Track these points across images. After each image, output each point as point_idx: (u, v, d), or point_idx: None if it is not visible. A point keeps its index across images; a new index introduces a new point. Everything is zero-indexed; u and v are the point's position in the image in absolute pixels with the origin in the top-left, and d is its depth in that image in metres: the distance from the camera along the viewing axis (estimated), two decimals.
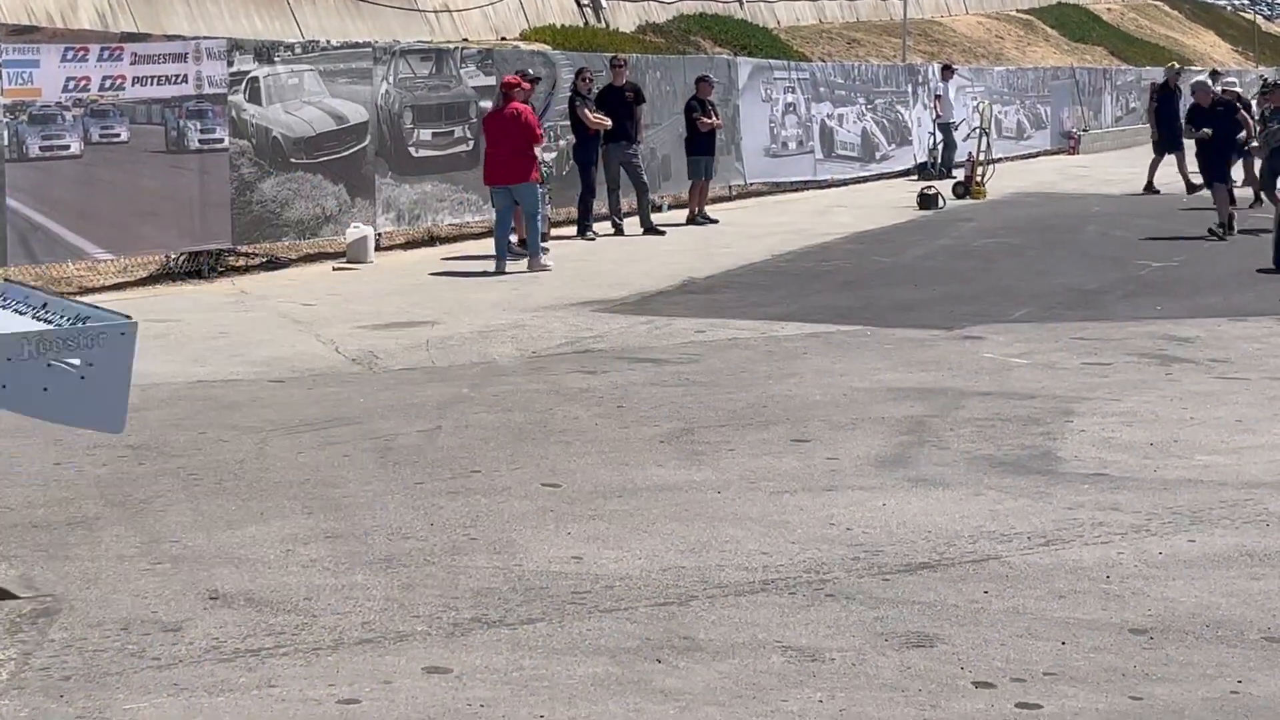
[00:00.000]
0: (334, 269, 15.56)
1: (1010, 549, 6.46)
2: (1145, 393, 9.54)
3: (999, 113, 31.12)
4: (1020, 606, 5.76)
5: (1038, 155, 33.00)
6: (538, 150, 15.47)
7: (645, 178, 18.82)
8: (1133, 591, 5.94)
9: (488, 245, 16.99)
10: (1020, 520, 6.86)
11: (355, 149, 16.25)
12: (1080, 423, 8.71)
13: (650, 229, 18.47)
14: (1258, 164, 20.64)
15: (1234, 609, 5.74)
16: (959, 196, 23.40)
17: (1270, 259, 15.14)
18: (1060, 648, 5.34)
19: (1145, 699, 4.92)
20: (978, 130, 25.31)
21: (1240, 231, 18.17)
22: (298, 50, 16.27)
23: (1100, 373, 10.18)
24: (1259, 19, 75.03)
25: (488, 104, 17.73)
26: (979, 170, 24.13)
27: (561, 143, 18.49)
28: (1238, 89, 23.56)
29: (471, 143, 17.66)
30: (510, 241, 15.75)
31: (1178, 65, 25.89)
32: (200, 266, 14.87)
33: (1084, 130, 35.72)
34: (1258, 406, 9.17)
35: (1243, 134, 19.89)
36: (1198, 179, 20.72)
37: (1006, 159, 29.43)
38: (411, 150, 16.99)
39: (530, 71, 16.86)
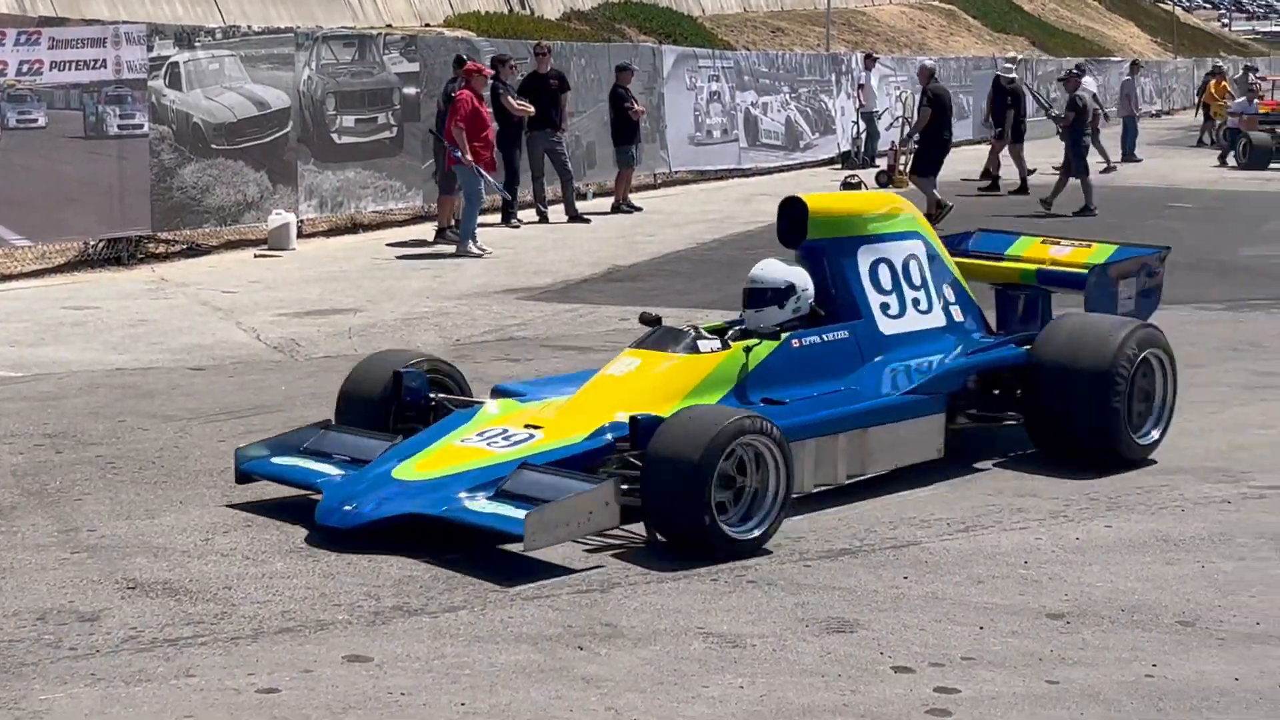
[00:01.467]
0: (255, 256, 15.43)
1: (930, 535, 6.51)
2: None
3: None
4: (939, 592, 5.81)
5: (959, 145, 33.15)
6: (459, 136, 15.27)
7: (570, 165, 18.79)
8: (1050, 577, 6.00)
9: (413, 232, 16.95)
10: (940, 507, 6.92)
11: (277, 135, 16.11)
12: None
13: (575, 216, 18.45)
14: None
15: (1149, 594, 5.82)
16: (882, 185, 23.49)
17: None
18: (978, 632, 5.39)
19: (1061, 682, 4.97)
20: (900, 119, 25.41)
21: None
22: (219, 35, 16.11)
23: None
24: (1178, 10, 75.89)
25: (411, 90, 17.67)
26: (901, 159, 24.24)
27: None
28: (1013, 75, 23.88)
29: (395, 129, 17.57)
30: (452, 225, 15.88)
31: (1017, 56, 26.01)
32: (120, 253, 14.69)
33: None
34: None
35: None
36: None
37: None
38: (334, 137, 16.88)
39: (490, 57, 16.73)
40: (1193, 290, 13.51)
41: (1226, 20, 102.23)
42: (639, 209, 19.71)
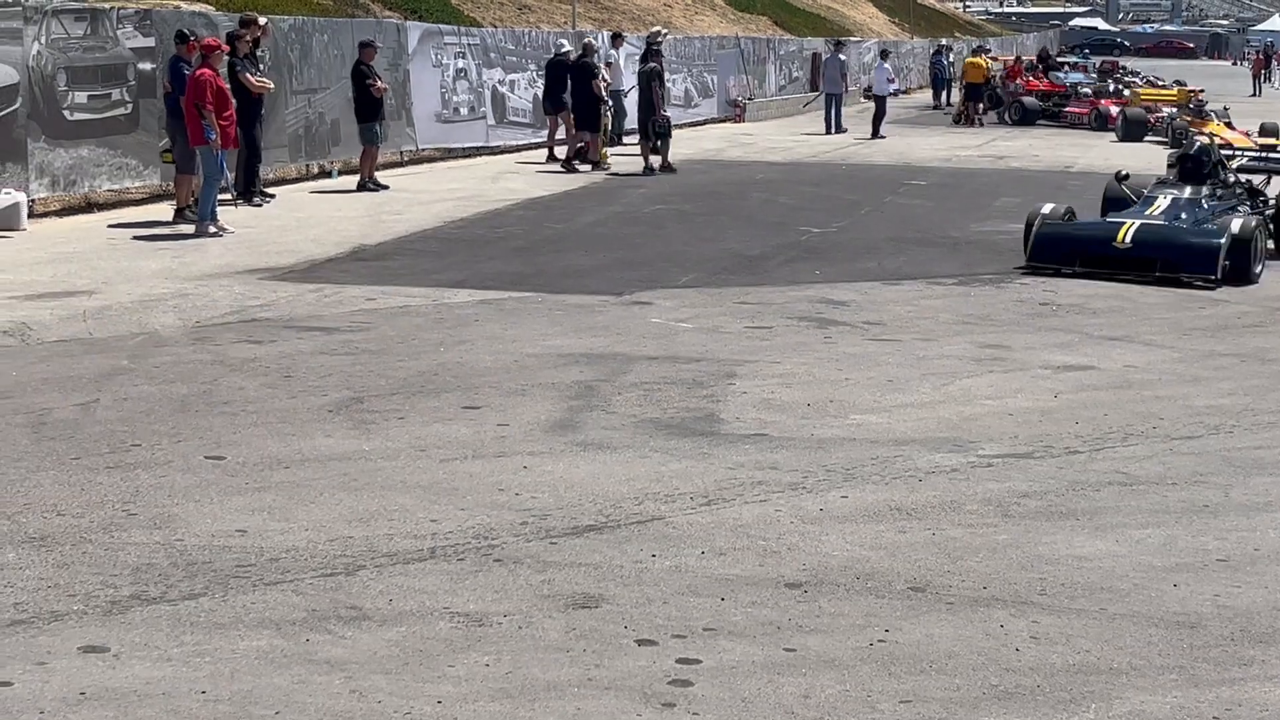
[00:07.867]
0: None
1: (673, 509, 6.62)
2: (804, 355, 9.87)
3: (668, 81, 31.57)
4: (682, 565, 5.92)
5: (705, 123, 33.62)
6: (209, 115, 14.89)
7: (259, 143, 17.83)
8: (789, 547, 6.16)
9: (150, 212, 16.52)
10: (683, 481, 7.04)
11: (5, 112, 15.52)
12: (742, 385, 8.97)
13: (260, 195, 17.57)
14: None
15: (882, 561, 6.01)
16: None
17: None
18: (720, 604, 5.51)
19: (799, 650, 5.12)
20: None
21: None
22: None
23: (762, 336, 10.48)
24: None
25: (147, 66, 17.21)
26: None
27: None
28: (566, 53, 23.82)
29: (130, 106, 17.08)
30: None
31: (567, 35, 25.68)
32: None
33: (749, 99, 36.53)
34: (907, 367, 9.58)
35: None
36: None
37: (675, 127, 29.88)
38: (66, 114, 16.33)
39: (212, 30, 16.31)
40: (924, 265, 13.96)
41: (960, 3, 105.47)
42: (385, 187, 19.52)
